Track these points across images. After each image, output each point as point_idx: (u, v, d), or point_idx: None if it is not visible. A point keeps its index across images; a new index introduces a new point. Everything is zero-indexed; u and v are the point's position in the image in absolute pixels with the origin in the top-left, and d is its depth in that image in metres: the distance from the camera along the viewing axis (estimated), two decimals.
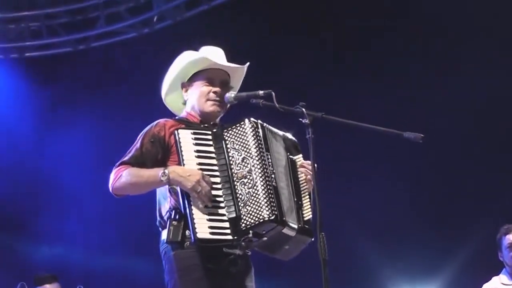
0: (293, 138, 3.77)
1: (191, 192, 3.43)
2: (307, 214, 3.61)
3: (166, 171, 3.48)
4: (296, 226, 3.52)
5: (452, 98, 7.08)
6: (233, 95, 3.76)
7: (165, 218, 3.58)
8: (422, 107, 7.17)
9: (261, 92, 3.67)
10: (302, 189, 3.66)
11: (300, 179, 3.68)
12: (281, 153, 3.66)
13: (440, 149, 6.93)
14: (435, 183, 7.19)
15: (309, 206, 3.59)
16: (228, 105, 3.84)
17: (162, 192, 3.67)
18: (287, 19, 7.52)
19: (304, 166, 3.68)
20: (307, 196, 3.64)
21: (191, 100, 3.81)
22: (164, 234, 3.58)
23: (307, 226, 3.57)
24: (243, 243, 3.44)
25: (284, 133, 3.75)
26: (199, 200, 3.42)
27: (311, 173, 3.60)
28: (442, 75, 7.12)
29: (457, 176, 7.14)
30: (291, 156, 3.69)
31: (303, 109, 3.52)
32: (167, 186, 3.57)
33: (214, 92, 3.78)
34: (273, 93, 3.61)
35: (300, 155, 3.71)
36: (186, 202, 3.45)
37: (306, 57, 7.40)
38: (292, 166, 3.68)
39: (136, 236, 6.78)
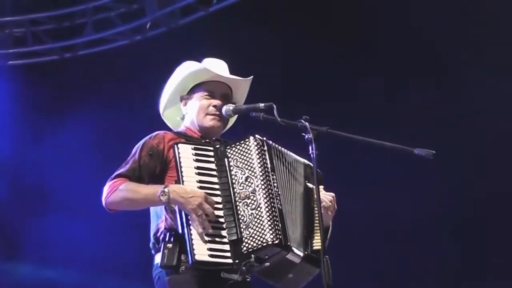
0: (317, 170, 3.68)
1: (191, 215, 3.40)
2: (317, 244, 3.54)
3: (166, 190, 3.44)
4: (301, 253, 3.48)
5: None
6: (231, 108, 3.73)
7: (159, 239, 3.53)
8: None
9: (261, 104, 3.64)
10: (315, 218, 3.59)
11: (315, 209, 3.59)
12: (295, 177, 3.61)
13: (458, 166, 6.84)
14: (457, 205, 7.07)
15: (318, 234, 3.53)
16: (229, 120, 3.81)
17: (156, 211, 3.63)
18: (288, 25, 7.47)
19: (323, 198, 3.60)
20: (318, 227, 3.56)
21: (190, 114, 3.78)
22: (157, 258, 3.52)
23: (314, 255, 3.51)
24: (243, 268, 3.38)
25: (305, 160, 3.68)
26: (200, 224, 3.38)
27: (330, 206, 3.60)
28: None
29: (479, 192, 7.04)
30: (308, 184, 3.64)
31: (307, 124, 3.51)
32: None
33: (214, 106, 3.73)
34: (275, 106, 3.57)
35: (321, 187, 3.63)
36: (184, 221, 3.42)
37: (310, 61, 7.30)
38: (308, 194, 3.63)
39: (133, 256, 6.66)
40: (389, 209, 6.72)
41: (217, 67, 3.79)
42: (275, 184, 3.47)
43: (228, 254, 3.38)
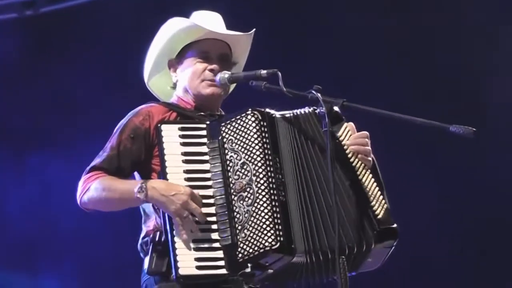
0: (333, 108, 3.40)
1: (174, 217, 3.25)
2: (380, 207, 3.30)
3: (144, 185, 3.29)
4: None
5: None
6: (226, 76, 3.54)
7: (148, 241, 3.42)
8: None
9: (263, 71, 3.47)
10: (361, 175, 3.34)
11: (352, 163, 3.36)
12: (321, 153, 3.34)
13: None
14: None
15: (379, 193, 3.31)
16: (231, 86, 3.65)
17: (144, 208, 3.51)
18: None
19: (354, 140, 3.38)
20: (371, 181, 3.33)
21: (182, 82, 3.62)
22: (146, 262, 3.40)
23: (383, 228, 3.28)
24: (241, 279, 3.26)
25: (312, 108, 3.41)
26: (184, 229, 3.24)
27: (364, 147, 3.37)
28: None
29: None
30: (333, 136, 3.34)
31: (319, 95, 3.33)
32: None
33: (211, 70, 3.56)
34: (280, 74, 3.41)
35: (344, 126, 3.40)
36: (168, 224, 3.27)
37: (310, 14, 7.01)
38: (338, 149, 3.35)
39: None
40: (414, 200, 6.47)
41: (210, 21, 3.62)
42: (278, 169, 3.29)
43: (222, 263, 3.23)
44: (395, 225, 3.32)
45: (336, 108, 3.38)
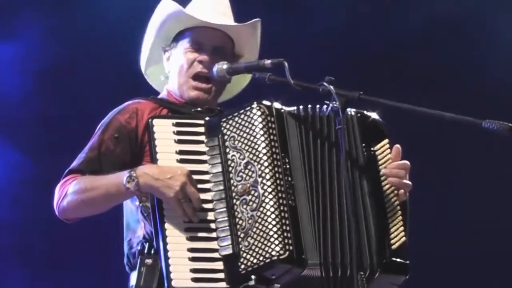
0: (373, 117, 3.42)
1: (172, 204, 3.20)
2: (399, 238, 3.30)
3: (134, 174, 3.24)
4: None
5: None
6: (225, 67, 3.50)
7: (135, 252, 3.38)
8: None
9: (267, 61, 3.43)
10: (388, 202, 3.34)
11: (383, 187, 3.35)
12: (333, 155, 3.33)
13: None
14: None
15: (401, 224, 3.32)
16: (226, 84, 3.61)
17: (132, 213, 3.47)
18: None
19: (392, 170, 3.35)
20: (398, 211, 3.34)
21: (172, 74, 3.62)
22: (133, 278, 3.35)
23: (395, 260, 3.26)
24: None
25: (361, 113, 3.41)
26: (185, 216, 3.19)
27: (399, 179, 3.34)
28: None
29: None
30: (369, 149, 3.35)
31: (331, 87, 3.28)
32: (138, 204, 3.38)
33: (200, 62, 3.54)
34: (286, 64, 3.36)
35: (384, 142, 3.40)
36: (159, 227, 3.22)
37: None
38: (370, 164, 3.35)
39: None
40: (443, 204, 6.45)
41: (208, 5, 3.60)
42: (288, 170, 3.27)
43: (221, 276, 3.18)
44: (407, 261, 3.30)
45: (376, 117, 3.40)
